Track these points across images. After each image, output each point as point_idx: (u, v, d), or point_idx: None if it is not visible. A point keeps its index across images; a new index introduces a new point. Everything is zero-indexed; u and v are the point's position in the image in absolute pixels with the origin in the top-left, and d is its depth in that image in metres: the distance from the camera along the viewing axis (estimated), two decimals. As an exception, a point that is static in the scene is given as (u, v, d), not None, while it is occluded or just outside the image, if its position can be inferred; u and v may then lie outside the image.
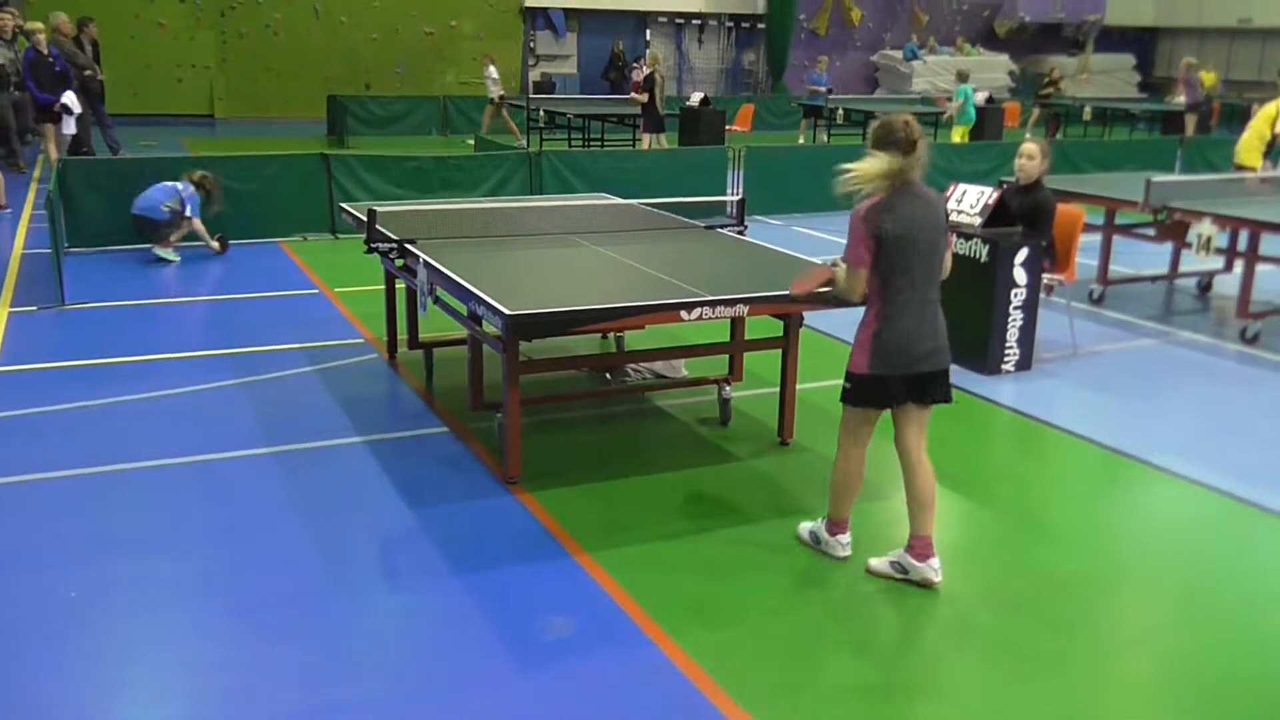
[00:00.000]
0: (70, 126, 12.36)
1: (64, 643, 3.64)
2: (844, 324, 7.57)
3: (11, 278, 8.50)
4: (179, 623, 3.80)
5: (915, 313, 3.98)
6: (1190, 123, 19.81)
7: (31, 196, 12.05)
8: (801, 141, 19.70)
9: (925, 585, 4.09)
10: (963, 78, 17.10)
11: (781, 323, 5.49)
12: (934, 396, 4.09)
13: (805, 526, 4.47)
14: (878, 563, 4.21)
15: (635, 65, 25.12)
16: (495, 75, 18.45)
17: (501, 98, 18.46)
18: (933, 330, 4.03)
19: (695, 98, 16.86)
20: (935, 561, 4.10)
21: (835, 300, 4.39)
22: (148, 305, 7.97)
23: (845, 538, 4.32)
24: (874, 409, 4.13)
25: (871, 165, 3.89)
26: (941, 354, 4.06)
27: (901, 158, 3.88)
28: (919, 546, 4.11)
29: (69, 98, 12.21)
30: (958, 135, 16.35)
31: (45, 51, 12.37)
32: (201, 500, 4.76)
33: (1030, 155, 6.85)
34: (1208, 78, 22.26)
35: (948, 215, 4.20)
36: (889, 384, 4.02)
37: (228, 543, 4.38)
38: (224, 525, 4.53)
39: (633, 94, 16.19)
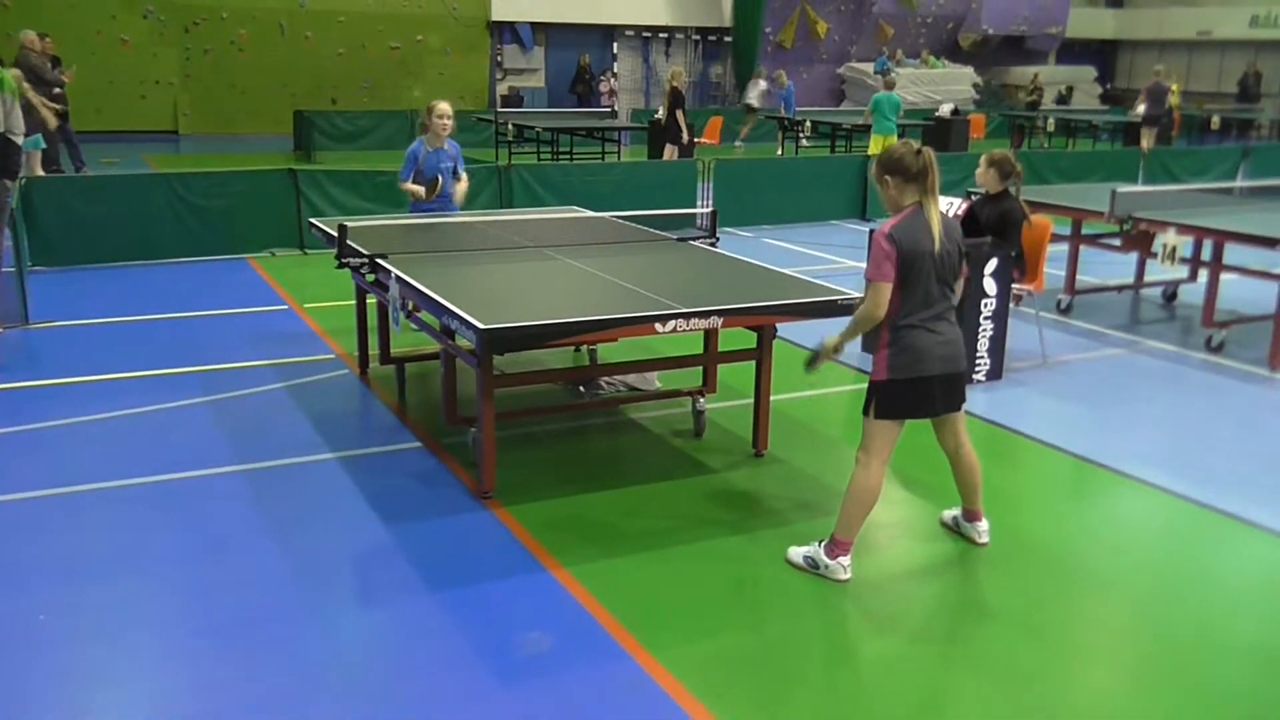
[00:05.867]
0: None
1: (30, 667, 3.57)
2: (816, 336, 7.63)
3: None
4: (148, 645, 3.74)
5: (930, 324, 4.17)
6: (1147, 135, 19.60)
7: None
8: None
9: (971, 542, 4.60)
10: (887, 86, 16.76)
11: (755, 334, 5.50)
12: (957, 401, 4.33)
13: (798, 551, 4.37)
14: (947, 515, 4.75)
15: (603, 78, 25.26)
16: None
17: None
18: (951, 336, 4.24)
19: (663, 111, 16.84)
20: (983, 525, 4.61)
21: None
22: (114, 324, 7.87)
23: (847, 560, 4.27)
24: (906, 418, 4.24)
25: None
26: (958, 358, 4.28)
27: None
28: (969, 515, 4.64)
29: None
30: (874, 146, 15.89)
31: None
32: (170, 520, 4.69)
33: (983, 166, 6.89)
34: (1176, 89, 22.34)
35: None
36: (923, 386, 4.15)
37: (197, 562, 4.32)
38: (193, 545, 4.47)
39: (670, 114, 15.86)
